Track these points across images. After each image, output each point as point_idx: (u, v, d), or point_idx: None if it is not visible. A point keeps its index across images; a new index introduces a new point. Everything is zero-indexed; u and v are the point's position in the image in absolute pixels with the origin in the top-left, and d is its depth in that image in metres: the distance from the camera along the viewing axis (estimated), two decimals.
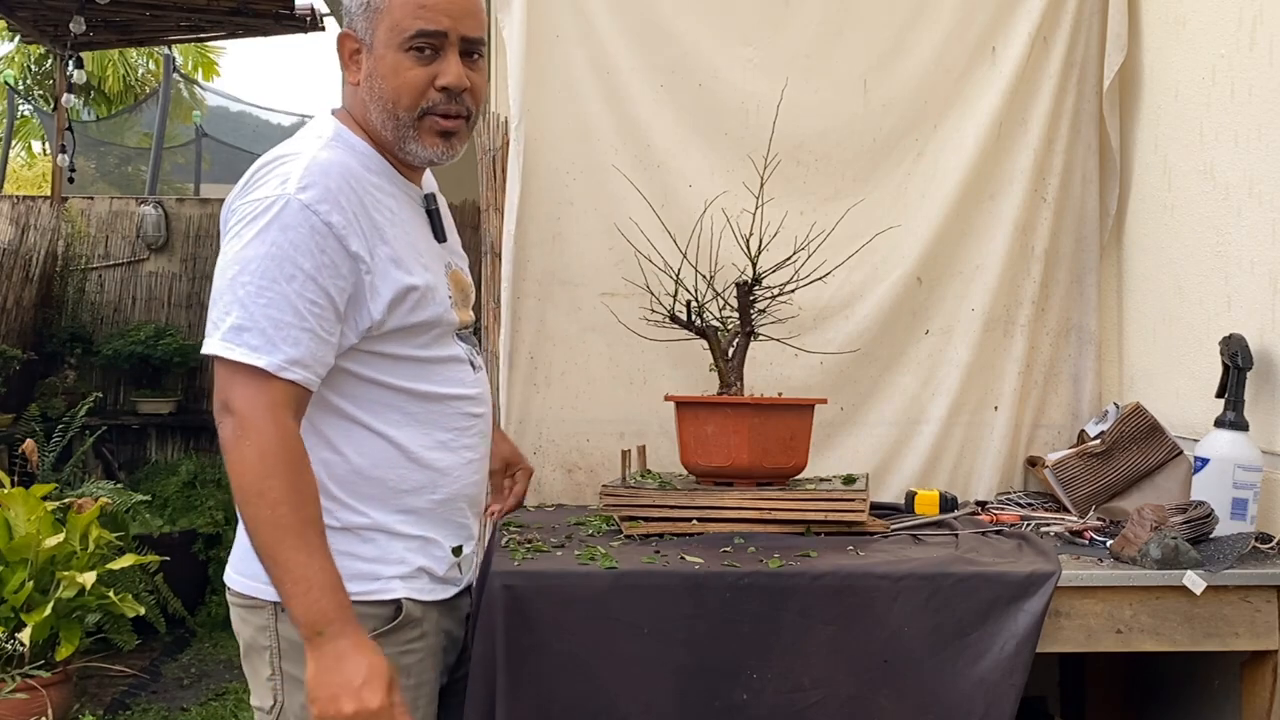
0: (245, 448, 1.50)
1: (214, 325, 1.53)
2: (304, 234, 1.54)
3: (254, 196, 1.57)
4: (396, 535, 1.67)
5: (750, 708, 1.88)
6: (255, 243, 1.53)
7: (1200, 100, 2.49)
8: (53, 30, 6.50)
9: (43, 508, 3.78)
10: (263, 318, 1.51)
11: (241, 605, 1.69)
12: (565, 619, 1.87)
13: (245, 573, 1.66)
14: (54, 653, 3.66)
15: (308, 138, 1.66)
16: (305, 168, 1.57)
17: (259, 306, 1.51)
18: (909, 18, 2.75)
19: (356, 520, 1.64)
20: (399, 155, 1.70)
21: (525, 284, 2.67)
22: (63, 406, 5.76)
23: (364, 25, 1.66)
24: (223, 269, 1.55)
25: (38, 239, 6.55)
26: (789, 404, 2.27)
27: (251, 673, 1.70)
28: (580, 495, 2.68)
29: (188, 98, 14.10)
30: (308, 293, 1.53)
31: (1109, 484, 2.44)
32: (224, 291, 1.54)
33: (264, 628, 1.65)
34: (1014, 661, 1.90)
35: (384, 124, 1.67)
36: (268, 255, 1.52)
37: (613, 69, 2.69)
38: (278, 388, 1.52)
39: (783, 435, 2.22)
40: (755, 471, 2.22)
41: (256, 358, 1.50)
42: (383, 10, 1.64)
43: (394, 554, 1.67)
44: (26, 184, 13.75)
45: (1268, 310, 2.26)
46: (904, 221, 2.73)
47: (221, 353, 1.51)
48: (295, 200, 1.54)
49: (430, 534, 1.71)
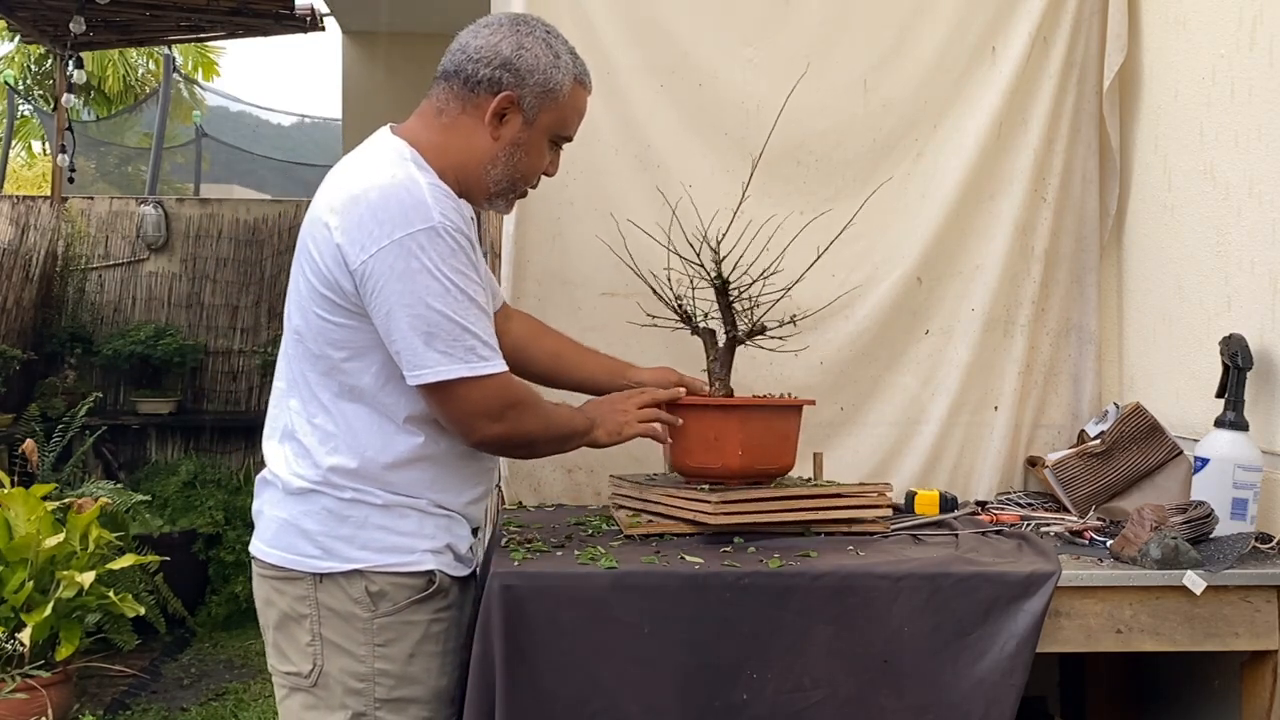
0: (531, 421, 1.87)
1: (447, 355, 1.73)
2: (462, 254, 1.75)
3: (408, 230, 1.70)
4: (428, 514, 1.85)
5: (750, 708, 1.88)
6: (437, 272, 1.71)
7: (1200, 100, 2.49)
8: (53, 30, 6.50)
9: (43, 508, 3.79)
10: (480, 331, 1.76)
11: (276, 578, 1.84)
12: (565, 619, 1.87)
13: (280, 545, 1.83)
14: (54, 653, 3.66)
15: (397, 157, 1.79)
16: (431, 193, 1.74)
17: (475, 323, 1.75)
18: (909, 18, 2.74)
19: (397, 501, 1.82)
20: (481, 202, 1.92)
21: (525, 284, 2.67)
22: (63, 406, 5.76)
23: (533, 101, 1.85)
24: (419, 302, 1.71)
25: (38, 239, 6.55)
26: (775, 405, 2.26)
27: (286, 641, 1.84)
28: (580, 495, 2.67)
29: (188, 98, 14.12)
30: (480, 297, 1.78)
31: (1109, 484, 2.44)
32: (442, 323, 1.72)
33: (303, 597, 1.81)
34: (1014, 661, 1.90)
35: (496, 181, 1.88)
36: (451, 280, 1.72)
37: (612, 69, 2.69)
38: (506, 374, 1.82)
39: (773, 436, 2.21)
40: (746, 473, 2.21)
41: (496, 364, 1.78)
42: (557, 102, 1.87)
43: (426, 529, 1.85)
44: (26, 184, 13.76)
45: (1268, 310, 2.26)
46: (904, 221, 2.74)
47: (475, 373, 1.75)
48: (439, 226, 1.72)
49: (456, 513, 1.90)
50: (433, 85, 1.89)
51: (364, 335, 1.77)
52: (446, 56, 1.88)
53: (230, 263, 6.78)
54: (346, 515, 1.80)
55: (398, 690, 1.81)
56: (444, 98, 1.86)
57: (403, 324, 1.71)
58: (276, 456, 1.87)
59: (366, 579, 1.80)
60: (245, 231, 6.84)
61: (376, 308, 1.73)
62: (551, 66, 1.85)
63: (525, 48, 1.84)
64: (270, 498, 1.87)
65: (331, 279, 1.75)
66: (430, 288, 1.70)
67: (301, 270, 1.82)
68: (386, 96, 6.83)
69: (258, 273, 6.78)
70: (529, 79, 1.83)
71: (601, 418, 2.04)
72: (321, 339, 1.80)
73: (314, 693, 1.81)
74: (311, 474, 1.81)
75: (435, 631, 1.85)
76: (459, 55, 1.85)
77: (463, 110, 1.85)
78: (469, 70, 1.83)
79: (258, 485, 1.92)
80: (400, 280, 1.70)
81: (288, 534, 1.82)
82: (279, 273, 6.69)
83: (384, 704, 1.80)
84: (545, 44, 1.86)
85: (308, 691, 1.82)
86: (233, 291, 6.74)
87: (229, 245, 6.81)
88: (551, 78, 1.85)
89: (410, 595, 1.82)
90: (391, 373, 1.78)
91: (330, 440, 1.81)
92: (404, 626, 1.82)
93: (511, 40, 1.84)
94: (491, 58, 1.83)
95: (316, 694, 1.81)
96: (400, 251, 1.69)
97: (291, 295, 1.86)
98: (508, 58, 1.82)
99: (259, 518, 1.90)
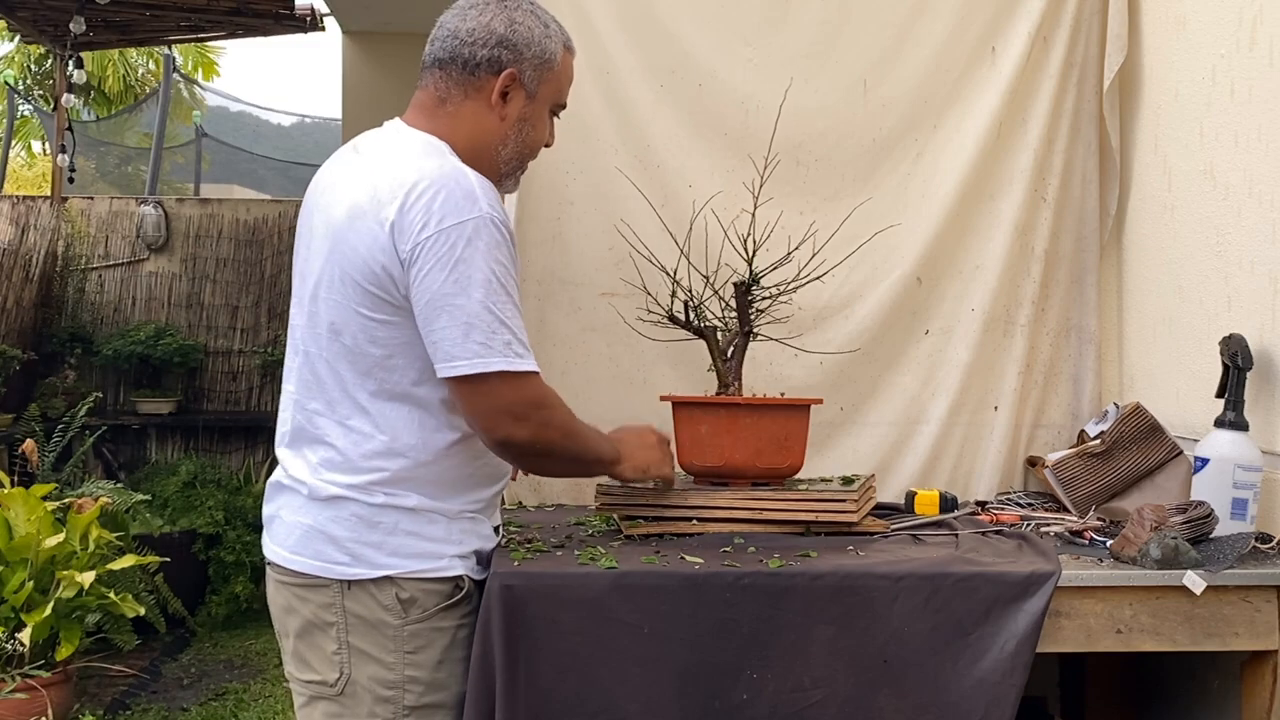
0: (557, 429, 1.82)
1: (484, 347, 1.70)
2: (506, 248, 1.74)
3: (458, 220, 1.69)
4: (455, 518, 1.84)
5: (750, 708, 1.88)
6: (483, 264, 1.69)
7: (1200, 100, 2.49)
8: (53, 30, 6.51)
9: (43, 508, 3.79)
10: (517, 329, 1.74)
11: (301, 585, 1.81)
12: (565, 619, 1.87)
13: (305, 553, 1.79)
14: (54, 653, 3.66)
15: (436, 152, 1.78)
16: (479, 185, 1.73)
17: (512, 320, 1.73)
18: (909, 18, 2.74)
19: (427, 505, 1.80)
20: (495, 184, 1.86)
21: (525, 284, 2.67)
22: (63, 406, 5.76)
23: (532, 74, 1.85)
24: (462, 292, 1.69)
25: (38, 239, 6.55)
26: (784, 404, 2.27)
27: (309, 649, 1.81)
28: (580, 495, 2.67)
29: (188, 98, 14.12)
30: (516, 295, 1.76)
31: (1109, 484, 2.44)
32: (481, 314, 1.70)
33: (329, 605, 1.78)
34: (1014, 661, 1.90)
35: (507, 161, 1.87)
36: (494, 274, 1.70)
37: (613, 69, 2.69)
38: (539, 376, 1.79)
39: (778, 435, 2.22)
40: (749, 471, 2.21)
41: (530, 364, 1.75)
42: (554, 71, 1.88)
43: (453, 535, 1.83)
44: (26, 184, 13.76)
45: (1268, 310, 2.26)
46: (904, 221, 2.73)
47: (510, 368, 1.72)
48: (488, 217, 1.71)
49: (479, 515, 1.89)
50: (423, 76, 1.86)
51: (407, 332, 1.74)
52: (435, 44, 1.85)
53: (230, 263, 6.78)
54: (377, 521, 1.78)
55: (426, 697, 1.80)
56: (443, 86, 1.83)
57: (442, 314, 1.69)
58: (297, 462, 1.83)
59: (397, 585, 1.78)
60: (245, 231, 6.84)
61: (418, 296, 1.70)
62: (544, 37, 1.85)
63: (518, 22, 1.83)
64: (290, 503, 1.83)
65: (378, 272, 1.71)
66: (474, 279, 1.68)
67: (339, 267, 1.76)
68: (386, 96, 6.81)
69: (258, 273, 6.78)
70: (526, 52, 1.83)
71: (630, 453, 2.03)
72: (363, 336, 1.76)
73: (340, 701, 1.79)
74: (344, 479, 1.78)
75: (461, 637, 1.84)
76: (451, 41, 1.83)
77: (466, 95, 1.83)
78: (466, 54, 1.81)
79: (270, 490, 1.88)
80: (445, 269, 1.68)
81: (314, 540, 1.79)
82: (279, 273, 6.69)
83: (412, 711, 1.79)
84: (534, 15, 1.86)
85: (333, 700, 1.79)
86: (233, 291, 6.74)
87: (229, 245, 6.81)
88: (546, 48, 1.85)
89: (439, 601, 1.81)
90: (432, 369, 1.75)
91: (368, 441, 1.78)
92: (433, 633, 1.81)
93: (502, 17, 1.82)
94: (487, 37, 1.81)
95: (342, 702, 1.79)
96: (448, 240, 1.67)
97: (323, 294, 1.78)
98: (503, 35, 1.81)
99: (274, 523, 1.86)
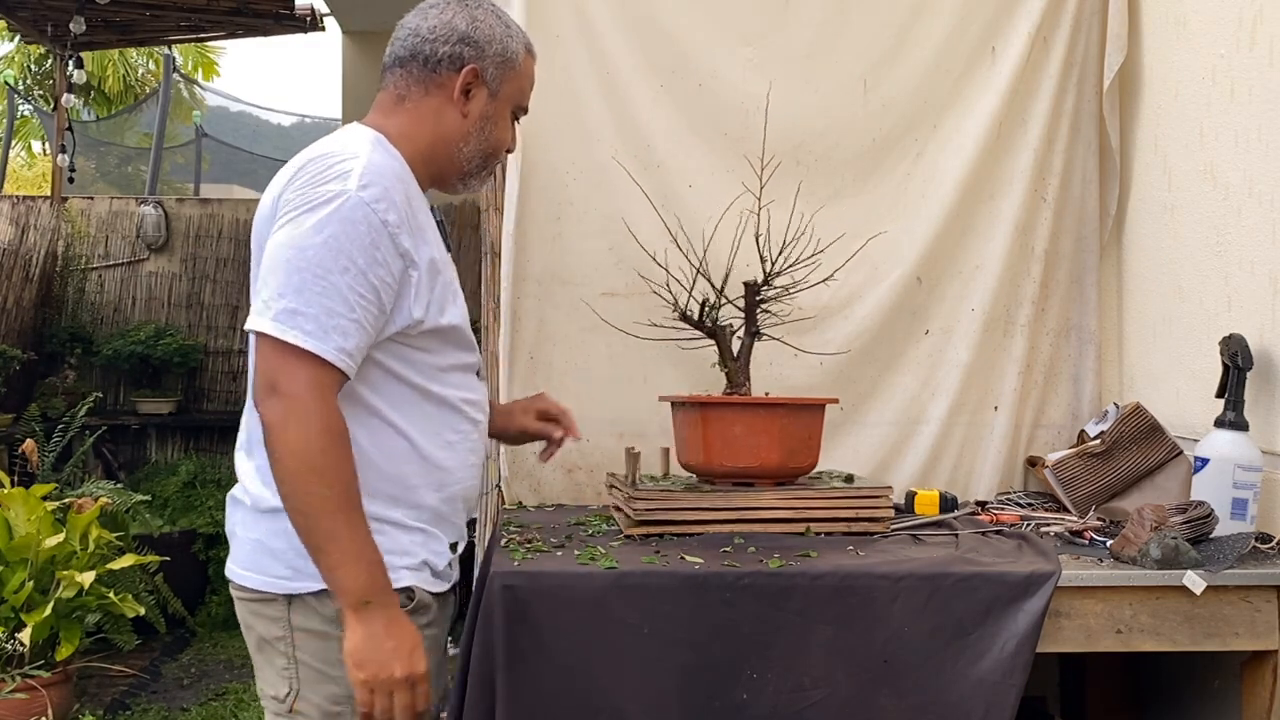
0: (297, 429, 1.57)
1: (264, 305, 1.59)
2: (362, 230, 1.61)
3: (317, 188, 1.62)
4: (404, 528, 1.73)
5: (750, 708, 1.88)
6: (314, 232, 1.59)
7: (1200, 100, 2.49)
8: (53, 30, 6.50)
9: (43, 508, 3.78)
10: (317, 305, 1.58)
11: (252, 600, 1.75)
12: (565, 619, 1.87)
13: (254, 568, 1.73)
14: (54, 653, 3.66)
15: (357, 140, 1.73)
16: (365, 167, 1.65)
17: (314, 294, 1.58)
18: (909, 17, 2.74)
19: (371, 510, 1.67)
20: (454, 184, 1.85)
21: (525, 284, 2.67)
22: (63, 406, 5.76)
23: (494, 72, 1.81)
24: (276, 251, 1.60)
25: (38, 239, 6.55)
26: (810, 404, 2.30)
27: (265, 664, 1.76)
28: (580, 495, 2.68)
29: (188, 98, 14.11)
30: (359, 286, 1.61)
31: (1109, 484, 2.44)
32: (278, 273, 1.59)
33: (277, 619, 1.71)
34: (1014, 661, 1.90)
35: (469, 159, 1.82)
36: (325, 246, 1.59)
37: (613, 69, 2.69)
38: (327, 372, 1.59)
39: (803, 435, 2.24)
40: (781, 471, 2.23)
41: (310, 342, 1.57)
42: (515, 71, 1.84)
43: (402, 545, 1.72)
44: (26, 184, 13.75)
45: (1268, 310, 2.26)
46: (904, 221, 2.74)
47: (274, 333, 1.57)
48: (356, 197, 1.61)
49: (432, 529, 1.77)
50: (384, 76, 1.85)
51: None
52: (395, 44, 1.84)
53: (230, 263, 6.77)
54: None
55: None
56: (403, 84, 1.82)
57: (268, 265, 1.61)
58: (246, 470, 1.77)
59: None
60: (245, 231, 6.76)
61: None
62: (506, 36, 1.84)
63: (479, 20, 1.82)
64: (241, 518, 1.76)
65: None
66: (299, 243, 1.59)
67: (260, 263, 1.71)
68: None
69: None
70: (488, 49, 1.81)
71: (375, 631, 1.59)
72: None
73: (291, 718, 1.73)
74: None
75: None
76: (412, 39, 1.82)
77: (426, 93, 1.81)
78: (427, 51, 1.80)
79: (229, 503, 1.81)
80: (284, 226, 1.61)
81: (258, 555, 1.72)
82: None
83: None
84: (495, 14, 1.84)
85: (285, 716, 1.73)
86: (233, 291, 6.74)
87: (229, 245, 6.81)
88: (509, 47, 1.83)
89: None
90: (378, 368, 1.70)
91: None
92: None
93: (464, 15, 1.81)
94: (449, 34, 1.80)
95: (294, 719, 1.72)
96: (301, 200, 1.61)
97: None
98: (465, 32, 1.80)
99: (232, 538, 1.79)
